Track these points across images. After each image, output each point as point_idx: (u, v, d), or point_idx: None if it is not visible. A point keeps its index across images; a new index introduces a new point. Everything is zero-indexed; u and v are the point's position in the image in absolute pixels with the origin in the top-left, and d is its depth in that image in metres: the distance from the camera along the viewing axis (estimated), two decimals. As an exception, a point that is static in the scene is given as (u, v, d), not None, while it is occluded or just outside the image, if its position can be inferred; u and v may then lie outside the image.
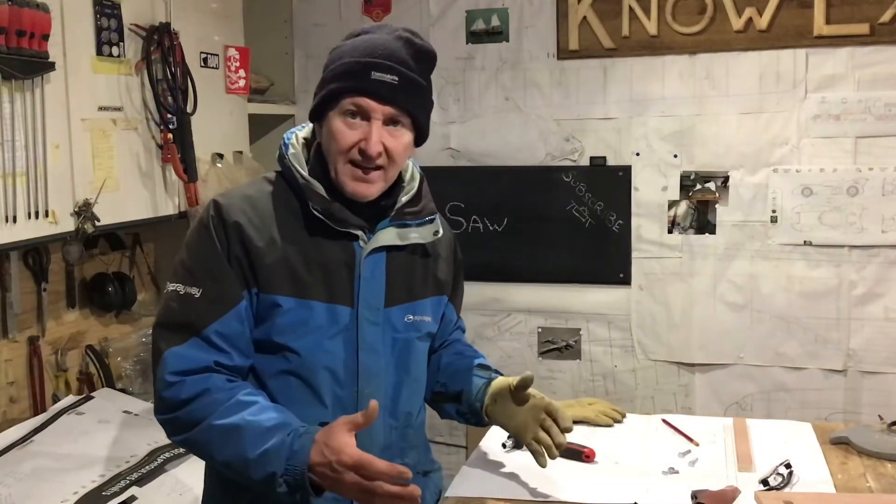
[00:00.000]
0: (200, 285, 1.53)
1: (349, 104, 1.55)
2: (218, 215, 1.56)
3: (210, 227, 1.56)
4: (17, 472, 2.13)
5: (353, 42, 1.60)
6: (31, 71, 2.17)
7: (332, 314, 1.58)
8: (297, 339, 1.56)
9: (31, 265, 2.61)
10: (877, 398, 3.02)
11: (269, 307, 1.55)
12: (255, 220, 1.56)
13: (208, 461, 1.58)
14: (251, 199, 1.59)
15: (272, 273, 1.55)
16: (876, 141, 2.96)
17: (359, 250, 1.61)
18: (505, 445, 2.06)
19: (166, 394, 1.50)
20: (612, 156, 3.23)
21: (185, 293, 1.54)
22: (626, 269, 3.25)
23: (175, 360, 1.50)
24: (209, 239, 1.55)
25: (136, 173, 2.61)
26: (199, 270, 1.55)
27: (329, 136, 1.57)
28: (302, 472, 1.41)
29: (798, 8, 2.97)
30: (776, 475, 1.82)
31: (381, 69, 1.54)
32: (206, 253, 1.55)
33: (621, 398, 3.25)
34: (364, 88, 1.54)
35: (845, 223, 3.01)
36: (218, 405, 1.48)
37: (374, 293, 1.62)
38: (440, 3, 3.34)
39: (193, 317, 1.52)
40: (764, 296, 3.12)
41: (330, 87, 1.56)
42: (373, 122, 1.55)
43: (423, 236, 1.69)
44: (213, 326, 1.52)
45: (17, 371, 2.59)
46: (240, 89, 3.11)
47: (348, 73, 1.55)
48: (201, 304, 1.52)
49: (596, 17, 3.16)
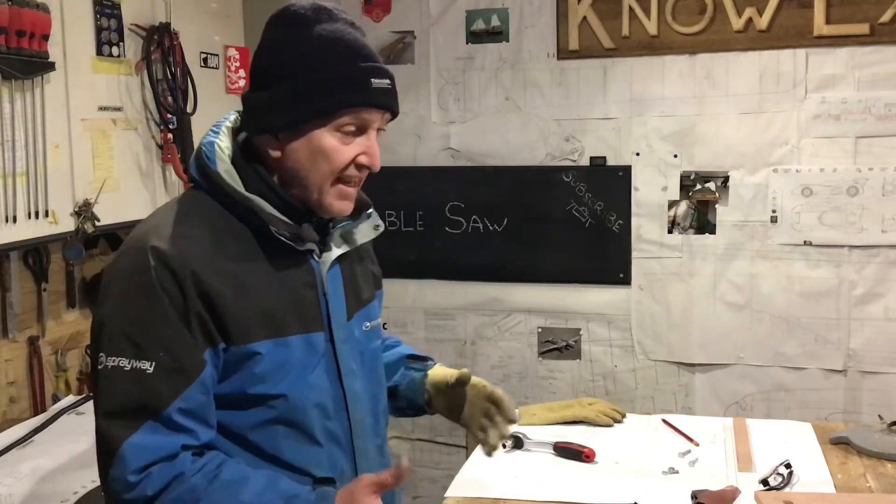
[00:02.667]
0: (152, 357, 1.26)
1: (350, 120, 1.35)
2: (164, 266, 1.28)
3: (154, 282, 1.27)
4: (17, 472, 2.12)
5: (310, 38, 1.37)
6: (31, 71, 2.17)
7: (310, 344, 1.39)
8: (278, 384, 1.35)
9: (31, 265, 2.61)
10: (877, 398, 3.02)
11: (243, 358, 1.32)
12: (212, 262, 1.31)
13: None
14: (193, 237, 1.32)
15: (244, 320, 1.31)
16: (876, 141, 2.96)
17: (316, 266, 1.43)
18: (505, 445, 2.06)
19: (129, 496, 1.24)
20: (612, 156, 3.23)
21: (133, 369, 1.26)
22: (626, 269, 3.24)
23: (135, 453, 1.24)
24: (154, 298, 1.27)
25: (136, 173, 2.61)
26: (146, 339, 1.27)
27: (314, 155, 1.36)
28: None
29: (798, 8, 2.97)
30: (776, 475, 1.82)
31: (377, 74, 1.37)
32: (153, 316, 1.27)
33: (621, 398, 3.25)
34: (368, 100, 1.36)
35: (845, 223, 3.01)
36: (197, 492, 1.25)
37: (339, 309, 1.45)
38: (440, 3, 3.33)
39: (148, 397, 1.25)
40: (764, 296, 3.12)
41: (319, 100, 1.34)
42: (370, 134, 1.39)
43: (367, 234, 1.53)
44: (174, 405, 1.26)
45: (17, 371, 2.59)
46: (240, 89, 3.11)
47: (344, 83, 1.35)
48: (156, 380, 1.25)
49: (596, 17, 3.16)
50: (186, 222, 1.36)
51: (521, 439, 2.07)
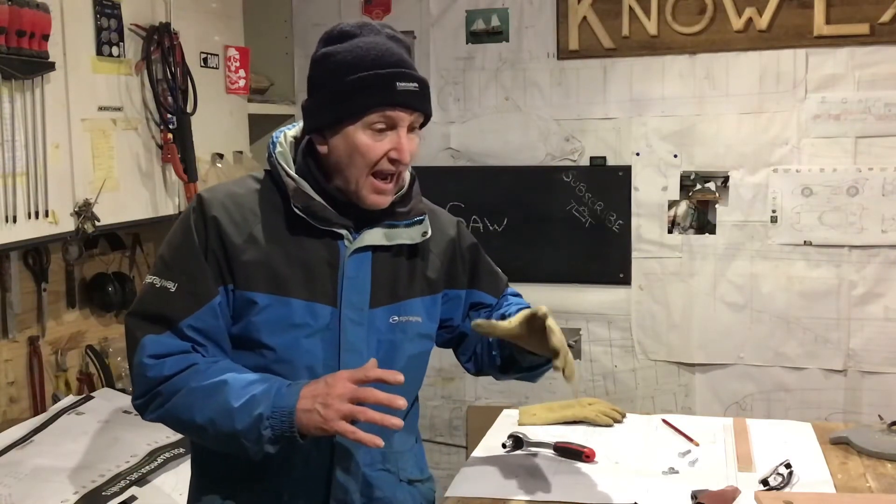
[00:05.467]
0: (176, 280, 1.53)
1: (378, 118, 1.54)
2: (199, 209, 1.56)
3: (190, 221, 1.56)
4: (17, 472, 2.13)
5: (349, 49, 1.57)
6: (31, 71, 2.17)
7: (312, 312, 1.56)
8: (273, 336, 1.55)
9: (31, 265, 2.61)
10: (877, 398, 3.02)
11: (245, 304, 1.55)
12: (236, 216, 1.56)
13: (186, 427, 1.53)
14: (234, 196, 1.59)
15: (248, 270, 1.54)
16: (876, 141, 2.97)
17: (343, 249, 1.60)
18: (505, 445, 2.06)
19: (150, 374, 1.50)
20: (612, 156, 3.23)
21: (161, 286, 1.54)
22: (626, 269, 3.24)
23: (153, 344, 1.51)
24: (188, 233, 1.55)
25: (136, 173, 2.61)
26: (175, 265, 1.55)
27: (351, 150, 1.55)
28: (290, 412, 1.42)
29: (798, 8, 2.97)
30: (776, 475, 1.82)
31: (403, 79, 1.55)
32: (183, 247, 1.55)
33: (621, 398, 3.25)
34: (393, 101, 1.53)
35: (845, 223, 3.01)
36: (198, 372, 1.49)
37: (358, 293, 1.60)
38: (440, 3, 3.34)
39: (168, 311, 1.52)
40: (764, 296, 3.12)
41: (352, 101, 1.54)
42: (400, 131, 1.56)
43: (411, 237, 1.67)
44: (187, 321, 1.52)
45: (17, 371, 2.59)
46: (240, 89, 3.11)
47: (372, 86, 1.53)
48: (176, 298, 1.53)
49: (596, 17, 3.16)
50: (239, 185, 1.64)
51: (521, 439, 2.07)
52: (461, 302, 1.80)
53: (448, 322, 1.81)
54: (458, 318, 1.81)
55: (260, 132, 3.42)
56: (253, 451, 1.46)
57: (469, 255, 1.83)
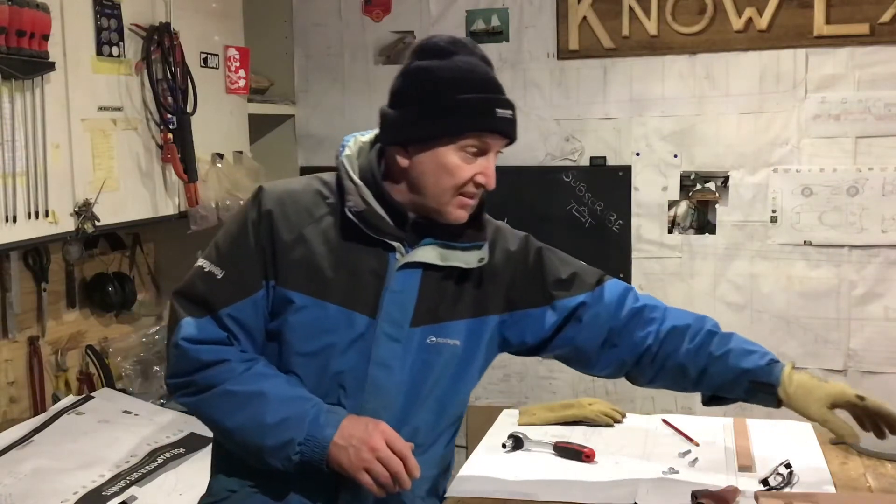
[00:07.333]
0: (224, 268, 1.56)
1: (473, 142, 1.53)
2: (256, 202, 1.58)
3: (248, 210, 1.58)
4: (17, 472, 2.13)
5: (448, 67, 1.56)
6: (31, 71, 2.17)
7: (348, 320, 1.56)
8: (305, 338, 1.56)
9: (31, 265, 2.61)
10: (877, 398, 3.01)
11: (283, 302, 1.56)
12: (290, 213, 1.57)
13: (213, 425, 1.57)
14: (293, 193, 1.60)
15: (292, 268, 1.55)
16: (876, 141, 2.96)
17: (393, 261, 1.58)
18: (505, 445, 2.06)
19: (186, 357, 1.53)
20: (612, 156, 3.23)
21: (209, 271, 1.57)
22: (626, 269, 3.24)
23: (191, 327, 1.53)
24: (242, 224, 1.57)
25: (136, 173, 2.60)
26: (226, 253, 1.57)
27: (439, 169, 1.54)
28: (324, 446, 1.45)
29: (798, 8, 2.97)
30: (776, 475, 1.82)
31: (502, 106, 1.55)
32: (236, 237, 1.58)
33: (621, 398, 3.25)
34: (492, 127, 1.54)
35: (845, 223, 3.01)
36: (235, 373, 1.51)
37: (400, 308, 1.58)
38: (440, 3, 3.33)
39: (211, 296, 1.55)
40: (764, 296, 3.12)
41: (449, 121, 1.53)
42: (490, 156, 1.56)
43: (467, 261, 1.62)
44: (227, 310, 1.54)
45: (17, 371, 2.59)
46: (240, 89, 3.11)
47: (473, 109, 1.53)
48: (221, 286, 1.55)
49: (596, 17, 3.16)
50: (302, 183, 1.64)
51: (521, 439, 2.07)
52: (542, 318, 1.72)
53: (529, 342, 1.74)
54: (545, 334, 1.73)
55: (260, 132, 3.42)
56: (273, 465, 1.49)
57: (536, 268, 1.74)
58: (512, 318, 1.72)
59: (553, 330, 1.73)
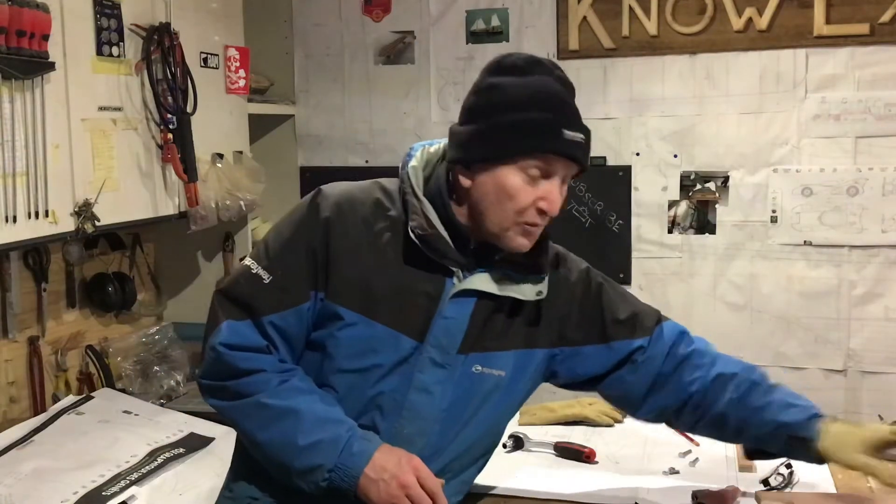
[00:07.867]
0: (272, 273, 1.49)
1: (535, 163, 1.45)
2: (314, 206, 1.51)
3: (304, 212, 1.51)
4: (17, 472, 2.13)
5: (517, 85, 1.49)
6: (31, 71, 2.17)
7: (395, 341, 1.50)
8: (349, 356, 1.50)
9: (31, 265, 2.61)
10: (877, 398, 3.02)
11: (331, 316, 1.50)
12: (348, 223, 1.50)
13: (242, 434, 1.53)
14: (353, 200, 1.52)
15: (343, 283, 1.49)
16: (876, 141, 2.96)
17: (449, 286, 1.52)
18: (505, 445, 2.06)
19: (221, 362, 1.48)
20: (612, 156, 3.23)
21: (256, 274, 1.50)
22: (626, 269, 3.24)
23: (230, 332, 1.48)
24: (297, 229, 1.51)
25: (136, 173, 2.60)
26: (276, 257, 1.50)
27: (499, 191, 1.46)
28: (356, 475, 1.40)
29: (798, 8, 2.97)
30: (776, 475, 1.82)
31: (571, 127, 1.47)
32: (288, 240, 1.51)
33: (621, 398, 3.25)
34: (555, 148, 1.45)
35: (845, 223, 3.01)
36: (270, 385, 1.46)
37: (449, 336, 1.52)
38: (440, 3, 3.33)
39: (255, 301, 1.49)
40: (764, 296, 3.11)
41: (510, 140, 1.45)
42: (554, 180, 1.47)
43: (524, 293, 1.55)
44: (270, 317, 1.48)
45: (17, 371, 2.59)
46: (240, 89, 3.11)
47: (535, 129, 1.45)
48: (267, 291, 1.49)
49: (596, 17, 3.16)
50: (365, 189, 1.55)
51: (521, 439, 2.07)
52: (596, 357, 1.67)
53: (579, 379, 1.70)
54: (597, 373, 1.67)
55: (260, 132, 3.42)
56: (297, 485, 1.44)
57: (595, 305, 1.67)
58: (563, 354, 1.66)
59: (606, 370, 1.68)
